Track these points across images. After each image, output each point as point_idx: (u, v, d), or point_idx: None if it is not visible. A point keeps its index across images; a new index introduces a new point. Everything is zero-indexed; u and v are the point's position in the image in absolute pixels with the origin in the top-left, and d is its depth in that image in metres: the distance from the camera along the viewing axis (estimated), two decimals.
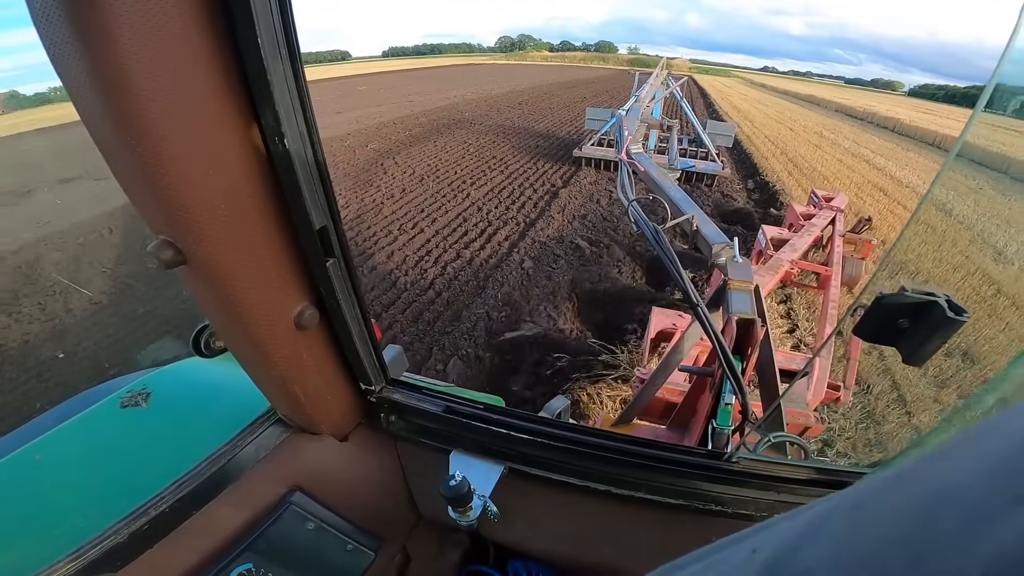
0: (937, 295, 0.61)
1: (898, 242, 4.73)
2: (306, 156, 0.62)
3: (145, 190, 0.55)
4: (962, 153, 7.14)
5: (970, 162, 11.47)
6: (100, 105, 0.48)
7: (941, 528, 0.18)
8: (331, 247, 0.70)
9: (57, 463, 1.00)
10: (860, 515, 0.23)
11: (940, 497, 0.20)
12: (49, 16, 0.44)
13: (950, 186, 8.87)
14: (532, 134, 14.87)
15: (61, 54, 0.46)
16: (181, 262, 0.59)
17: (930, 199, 5.94)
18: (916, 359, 0.64)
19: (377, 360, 0.93)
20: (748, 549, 0.29)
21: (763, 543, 0.28)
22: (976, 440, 0.21)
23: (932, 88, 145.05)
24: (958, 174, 9.36)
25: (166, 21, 0.46)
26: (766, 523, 0.31)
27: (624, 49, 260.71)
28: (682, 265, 1.48)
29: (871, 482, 0.25)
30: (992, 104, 0.60)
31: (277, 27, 0.53)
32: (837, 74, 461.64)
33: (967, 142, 0.86)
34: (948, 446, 0.22)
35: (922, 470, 0.22)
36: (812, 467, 0.82)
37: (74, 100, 0.50)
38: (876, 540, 0.21)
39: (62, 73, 0.48)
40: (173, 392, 1.20)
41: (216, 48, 0.51)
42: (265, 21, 0.51)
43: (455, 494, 0.84)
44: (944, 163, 1.93)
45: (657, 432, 2.12)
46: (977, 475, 0.19)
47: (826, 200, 5.41)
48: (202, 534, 0.83)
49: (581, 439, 0.90)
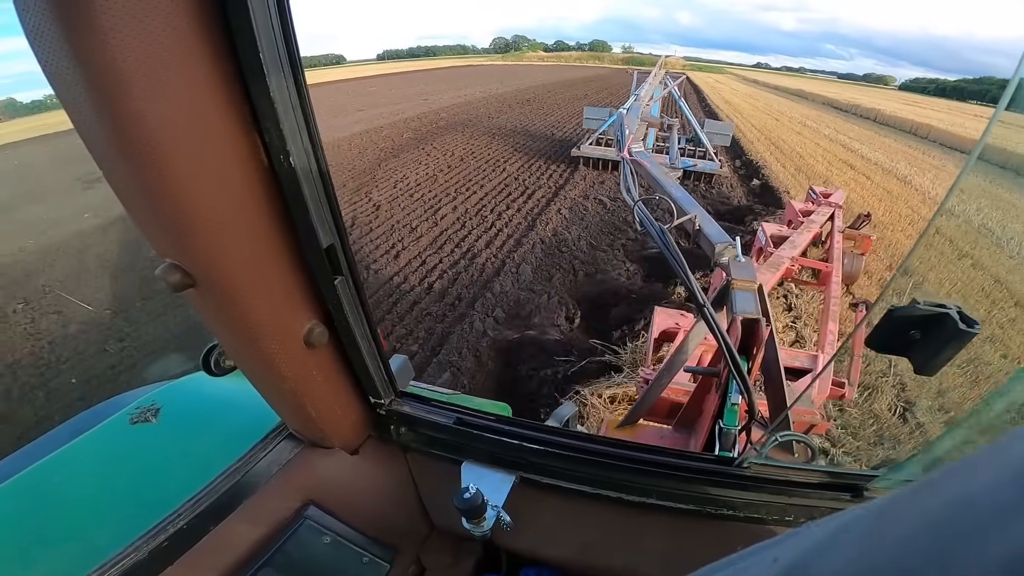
0: (949, 307, 0.61)
1: (913, 251, 4.71)
2: (311, 173, 0.61)
3: (150, 214, 0.55)
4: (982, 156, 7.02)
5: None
6: (100, 128, 0.48)
7: (963, 533, 0.18)
8: (339, 265, 0.70)
9: (70, 480, 1.01)
10: (883, 524, 0.24)
11: (964, 504, 0.20)
12: (43, 35, 0.43)
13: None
14: (547, 125, 17.11)
15: (57, 73, 0.45)
16: (190, 285, 0.59)
17: (946, 210, 5.95)
18: (928, 370, 0.64)
19: (386, 374, 0.93)
20: (770, 558, 0.29)
21: (784, 552, 0.28)
22: (1001, 449, 0.21)
23: (923, 82, 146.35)
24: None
25: (163, 41, 0.45)
26: (789, 532, 0.31)
27: (618, 48, 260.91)
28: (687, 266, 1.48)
29: (894, 494, 0.25)
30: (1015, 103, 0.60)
31: (279, 44, 0.52)
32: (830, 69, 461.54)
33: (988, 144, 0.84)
34: (974, 456, 0.22)
35: (946, 480, 0.22)
36: (823, 471, 0.82)
37: (74, 122, 0.49)
38: (898, 548, 0.21)
39: (60, 93, 0.47)
40: (182, 407, 1.21)
41: (217, 67, 0.50)
42: (267, 38, 0.51)
43: (469, 506, 0.84)
44: (963, 168, 1.93)
45: (663, 432, 2.12)
46: (1000, 482, 0.19)
47: (824, 196, 5.39)
48: (220, 550, 0.83)
49: (591, 447, 0.90)
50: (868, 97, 40.19)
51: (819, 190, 5.63)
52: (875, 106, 29.88)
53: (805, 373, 2.74)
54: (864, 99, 36.12)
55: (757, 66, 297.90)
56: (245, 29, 0.49)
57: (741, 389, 1.26)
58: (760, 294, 1.61)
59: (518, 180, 9.83)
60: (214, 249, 0.57)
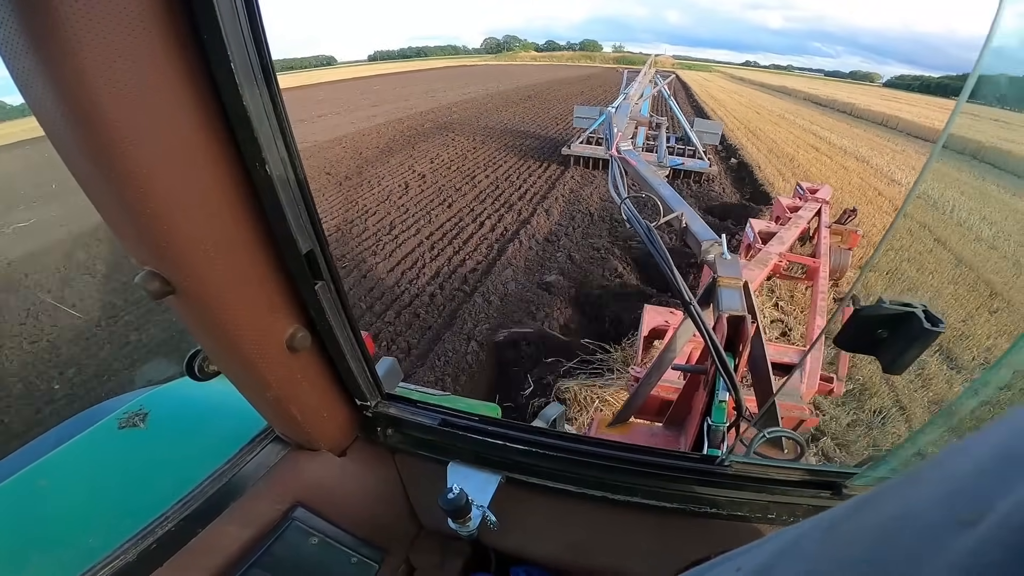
0: (915, 305, 0.62)
1: (882, 244, 4.80)
2: (288, 180, 0.61)
3: (126, 223, 0.54)
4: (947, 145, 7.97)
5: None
6: (73, 138, 0.48)
7: (900, 549, 0.19)
8: (319, 270, 0.70)
9: (59, 486, 1.01)
10: (831, 536, 0.25)
11: (901, 520, 0.21)
12: (13, 48, 0.43)
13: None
14: (550, 117, 18.93)
15: (29, 86, 0.45)
16: (169, 292, 0.59)
17: (914, 198, 6.22)
18: (895, 368, 0.65)
19: (371, 376, 0.93)
20: (733, 567, 0.30)
21: (746, 562, 0.30)
22: (942, 464, 0.22)
23: (908, 79, 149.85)
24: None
25: (132, 48, 0.45)
26: (755, 543, 0.32)
27: (609, 47, 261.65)
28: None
29: (846, 505, 0.26)
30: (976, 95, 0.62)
31: (251, 52, 0.52)
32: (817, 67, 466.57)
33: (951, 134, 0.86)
34: (918, 469, 0.23)
35: (891, 494, 0.23)
36: (803, 468, 0.84)
37: (48, 133, 0.49)
38: (843, 560, 0.22)
39: (33, 105, 0.47)
40: (170, 412, 1.21)
41: (189, 77, 0.50)
42: (237, 46, 0.50)
43: (453, 506, 0.85)
44: (928, 158, 1.97)
45: (654, 430, 2.13)
46: (936, 499, 0.20)
47: (811, 192, 5.43)
48: (208, 552, 0.83)
49: (576, 447, 0.91)
50: (850, 94, 42.07)
51: (806, 186, 5.65)
52: (851, 100, 32.26)
53: (793, 369, 2.76)
54: (843, 95, 38.84)
55: (746, 64, 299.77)
56: (215, 38, 0.49)
57: (728, 386, 1.27)
58: (746, 291, 1.63)
59: (536, 160, 11.52)
60: (192, 257, 0.57)
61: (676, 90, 31.01)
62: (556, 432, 0.99)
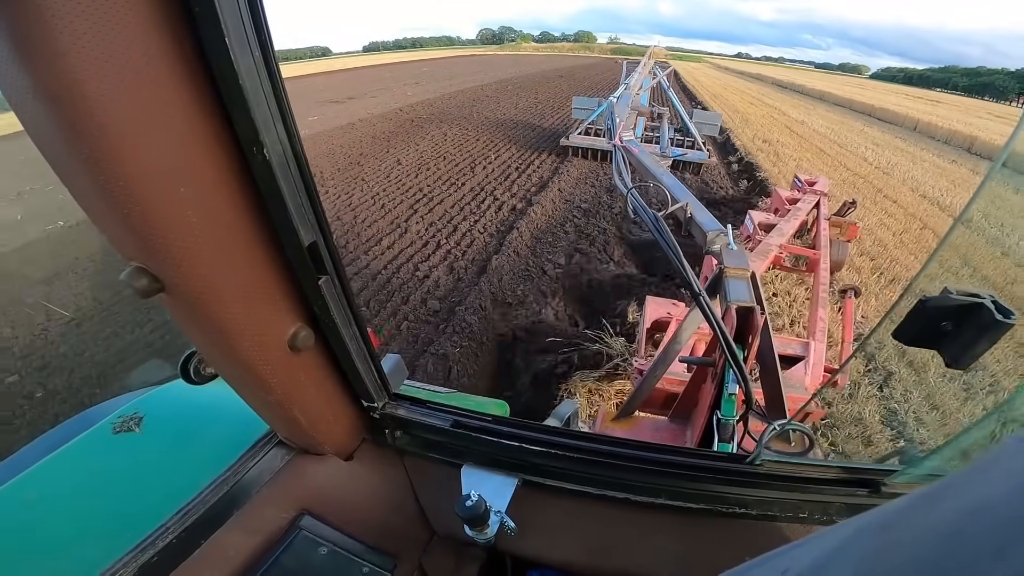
0: (983, 296, 0.58)
1: (939, 248, 4.79)
2: (289, 167, 0.56)
3: (110, 214, 0.49)
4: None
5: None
6: (49, 122, 0.43)
7: (969, 547, 0.18)
8: (323, 264, 0.65)
9: (53, 494, 0.97)
10: (888, 536, 0.24)
11: (969, 516, 0.20)
12: None
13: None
14: (585, 87, 25.11)
15: (1, 69, 0.41)
16: (159, 289, 0.54)
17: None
18: (960, 362, 0.61)
19: (378, 375, 0.89)
20: (779, 569, 0.29)
21: (793, 563, 0.29)
22: (1009, 458, 0.21)
23: (894, 71, 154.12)
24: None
25: (115, 21, 0.41)
26: (798, 543, 0.32)
27: (604, 38, 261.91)
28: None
29: (899, 503, 0.25)
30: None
31: (247, 26, 0.47)
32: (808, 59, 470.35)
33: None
34: (980, 464, 0.22)
35: (951, 490, 0.23)
36: (838, 466, 0.80)
37: (20, 117, 0.44)
38: (903, 561, 0.21)
39: (4, 89, 0.43)
40: (166, 415, 1.17)
41: (178, 52, 0.45)
42: (232, 18, 0.45)
43: (472, 515, 0.80)
44: (987, 174, 1.90)
45: (659, 423, 2.10)
46: (1007, 493, 0.19)
47: (809, 184, 5.45)
48: (212, 565, 0.79)
49: (595, 447, 0.87)
50: (829, 84, 50.39)
51: (804, 178, 5.67)
52: (821, 88, 41.71)
53: (797, 361, 2.74)
54: (820, 84, 48.32)
55: (738, 56, 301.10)
56: (208, 9, 0.44)
57: (738, 379, 1.24)
58: (753, 281, 1.60)
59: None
60: (183, 251, 0.52)
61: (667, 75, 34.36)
62: (573, 432, 0.95)
